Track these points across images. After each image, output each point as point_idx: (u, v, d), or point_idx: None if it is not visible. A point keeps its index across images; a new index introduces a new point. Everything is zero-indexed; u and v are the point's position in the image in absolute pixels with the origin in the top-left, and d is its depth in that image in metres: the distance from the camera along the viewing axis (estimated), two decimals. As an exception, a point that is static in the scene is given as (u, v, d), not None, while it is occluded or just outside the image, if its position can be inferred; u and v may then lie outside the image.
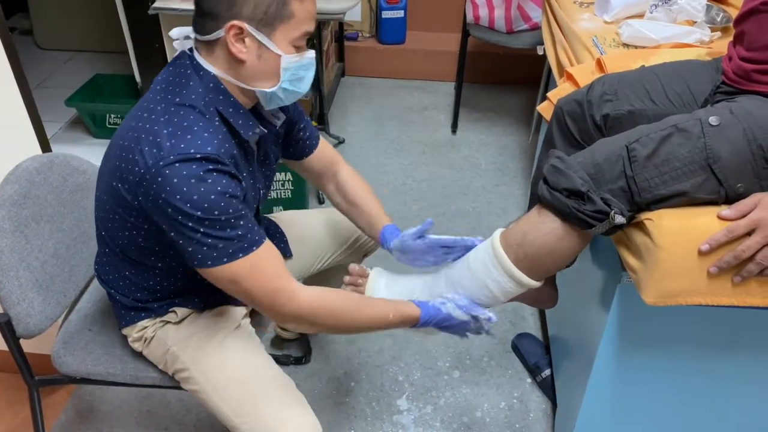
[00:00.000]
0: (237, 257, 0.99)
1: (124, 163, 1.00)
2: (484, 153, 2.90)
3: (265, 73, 1.03)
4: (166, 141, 0.95)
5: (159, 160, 0.95)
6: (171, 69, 1.05)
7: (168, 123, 0.97)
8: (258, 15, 0.97)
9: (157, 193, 0.95)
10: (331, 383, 1.82)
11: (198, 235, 0.97)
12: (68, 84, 3.09)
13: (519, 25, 2.77)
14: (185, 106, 0.99)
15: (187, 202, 0.94)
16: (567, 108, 1.29)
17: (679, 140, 0.99)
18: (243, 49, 0.99)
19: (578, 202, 1.01)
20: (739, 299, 1.00)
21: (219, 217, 0.96)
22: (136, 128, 1.00)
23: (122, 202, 1.03)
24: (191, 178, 0.94)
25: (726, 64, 1.14)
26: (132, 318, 1.23)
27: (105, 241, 1.17)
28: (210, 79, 1.02)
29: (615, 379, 1.29)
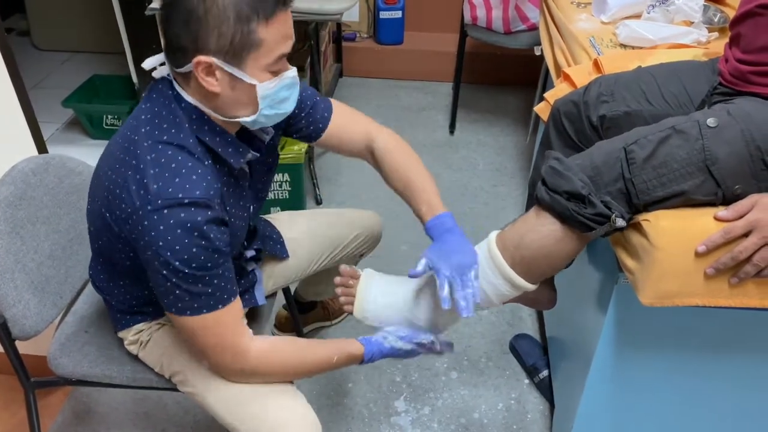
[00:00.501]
0: (200, 313, 1.00)
1: (111, 196, 0.99)
2: (482, 153, 2.90)
3: (242, 103, 0.98)
4: (153, 183, 0.93)
5: (146, 204, 0.93)
6: (154, 98, 1.01)
7: (155, 163, 0.95)
8: (224, 47, 0.91)
9: (140, 235, 0.95)
10: (329, 384, 1.81)
11: (169, 284, 0.96)
12: (65, 85, 3.08)
13: (517, 25, 2.77)
14: (173, 146, 0.96)
15: (168, 250, 0.93)
16: (564, 109, 1.29)
17: (677, 142, 0.98)
18: (214, 82, 0.94)
19: (578, 205, 1.01)
20: (736, 300, 1.00)
21: (194, 273, 0.95)
22: (124, 162, 0.97)
23: (110, 230, 1.03)
24: (177, 227, 0.92)
25: (722, 66, 1.14)
26: (128, 321, 1.23)
27: (98, 253, 1.17)
28: (192, 111, 0.99)
29: (612, 380, 1.29)
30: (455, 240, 1.13)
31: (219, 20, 0.89)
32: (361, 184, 2.67)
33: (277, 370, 1.12)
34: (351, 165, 2.78)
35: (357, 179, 2.70)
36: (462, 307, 1.06)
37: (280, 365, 1.12)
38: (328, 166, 2.78)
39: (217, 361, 1.08)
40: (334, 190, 2.63)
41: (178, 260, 0.93)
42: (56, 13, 3.54)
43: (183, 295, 0.97)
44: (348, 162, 2.79)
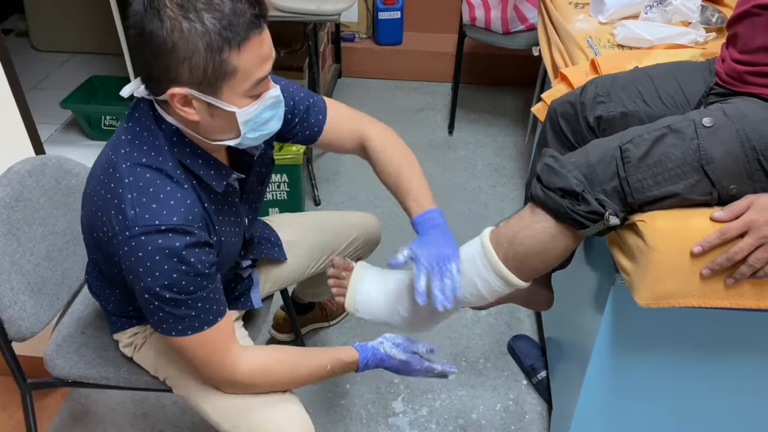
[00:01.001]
0: (186, 334, 0.99)
1: (94, 218, 0.99)
2: (481, 154, 2.90)
3: (223, 129, 0.96)
4: (130, 209, 0.92)
5: (125, 230, 0.92)
6: (136, 117, 0.99)
7: (132, 187, 0.93)
8: (197, 79, 0.88)
9: (121, 259, 0.95)
10: (327, 386, 1.81)
11: (152, 306, 0.96)
12: (64, 86, 3.08)
13: (515, 25, 2.77)
14: (151, 169, 0.95)
15: (148, 276, 0.92)
16: (560, 109, 1.29)
17: (672, 141, 0.98)
18: (192, 111, 0.92)
19: (572, 203, 1.01)
20: (731, 301, 1.00)
21: (176, 297, 0.95)
22: (104, 185, 0.96)
23: (99, 248, 1.03)
24: (156, 254, 0.91)
25: (719, 66, 1.14)
26: (123, 324, 1.23)
27: (93, 262, 1.18)
28: (173, 133, 0.97)
29: (609, 381, 1.29)
30: (439, 234, 1.12)
31: (189, 52, 0.85)
32: (359, 185, 2.67)
33: (269, 383, 1.12)
34: (350, 166, 2.78)
35: (356, 180, 2.70)
36: (438, 299, 1.03)
37: (272, 378, 1.11)
38: (327, 167, 2.77)
39: (208, 377, 1.09)
40: (332, 191, 2.62)
41: (158, 286, 0.93)
42: (55, 14, 3.54)
43: (167, 317, 0.97)
44: (346, 163, 2.79)
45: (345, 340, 1.95)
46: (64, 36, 3.61)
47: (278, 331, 1.89)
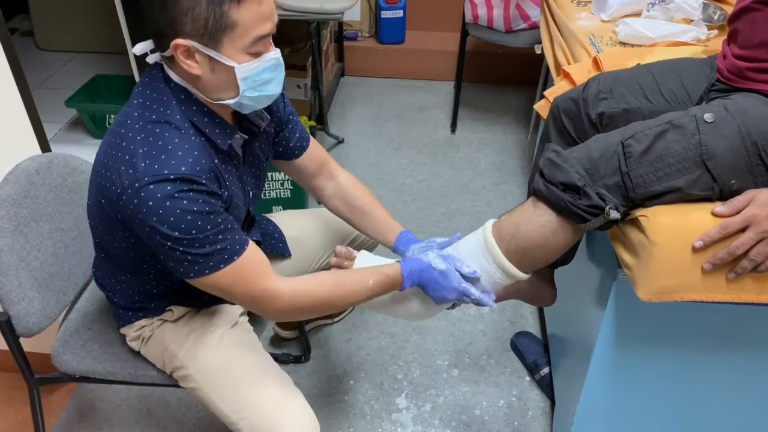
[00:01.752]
0: (219, 268, 1.01)
1: (104, 180, 1.00)
2: (484, 152, 2.90)
3: (224, 85, 1.00)
4: (141, 162, 0.95)
5: (134, 182, 0.94)
6: (147, 81, 1.04)
7: (144, 142, 0.97)
8: (199, 30, 0.93)
9: (134, 214, 0.96)
10: (331, 382, 1.82)
11: (177, 253, 0.98)
12: (69, 85, 3.10)
13: (518, 24, 2.78)
14: (161, 123, 0.98)
15: (163, 223, 0.95)
16: (563, 106, 1.29)
17: (673, 136, 0.99)
18: (194, 65, 0.96)
19: (574, 197, 1.01)
20: (733, 295, 1.01)
21: (197, 236, 0.97)
22: (115, 146, 0.99)
23: (107, 216, 1.04)
24: (166, 200, 0.94)
25: (720, 62, 1.15)
26: (130, 318, 1.24)
27: (100, 248, 1.19)
28: (181, 91, 1.01)
29: (612, 376, 1.29)
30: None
31: (192, 3, 0.91)
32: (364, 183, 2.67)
33: (314, 303, 1.11)
34: (352, 165, 2.79)
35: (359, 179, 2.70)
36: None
37: (316, 298, 1.11)
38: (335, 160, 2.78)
39: (258, 310, 1.09)
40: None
41: (176, 230, 0.95)
42: (59, 14, 3.56)
43: (196, 259, 0.99)
44: (349, 162, 2.80)
45: (349, 336, 1.96)
46: (69, 35, 3.63)
47: (282, 328, 1.90)
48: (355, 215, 1.37)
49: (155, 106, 1.00)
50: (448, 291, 1.13)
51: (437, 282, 1.13)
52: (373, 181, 2.69)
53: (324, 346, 1.93)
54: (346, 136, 2.99)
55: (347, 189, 1.38)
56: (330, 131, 2.93)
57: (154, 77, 1.03)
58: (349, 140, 2.97)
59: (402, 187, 2.66)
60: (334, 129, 3.00)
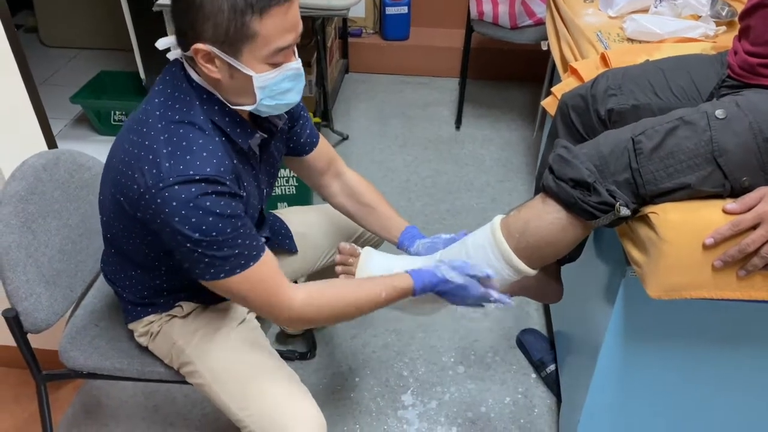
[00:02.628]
0: (234, 273, 1.01)
1: (124, 178, 1.00)
2: (489, 149, 2.90)
3: (242, 91, 1.00)
4: (165, 162, 0.95)
5: (159, 182, 0.94)
6: (167, 80, 1.03)
7: (168, 142, 0.97)
8: (219, 37, 0.93)
9: (156, 213, 0.96)
10: (336, 378, 1.82)
11: (195, 254, 0.98)
12: (73, 81, 3.10)
13: (523, 20, 2.77)
14: (184, 123, 0.98)
15: (185, 224, 0.95)
16: (571, 102, 1.29)
17: (684, 133, 0.98)
18: (214, 69, 0.97)
19: (583, 193, 1.01)
20: (743, 293, 1.00)
21: (217, 238, 0.97)
22: (137, 144, 0.99)
23: (124, 214, 1.04)
24: (189, 201, 0.94)
25: (731, 59, 1.14)
26: (138, 313, 1.24)
27: (110, 243, 1.19)
28: (203, 91, 1.01)
29: (619, 374, 1.29)
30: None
31: (214, 11, 0.90)
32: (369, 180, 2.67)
33: (326, 312, 1.12)
34: (356, 162, 2.78)
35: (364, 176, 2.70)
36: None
37: (331, 306, 1.11)
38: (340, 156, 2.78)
39: (270, 316, 1.10)
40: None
41: (197, 232, 0.95)
42: (64, 10, 3.56)
43: (213, 261, 0.99)
44: (354, 159, 2.80)
45: (355, 333, 1.96)
46: (73, 32, 3.63)
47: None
48: (361, 211, 1.38)
49: (177, 106, 1.00)
50: (466, 298, 1.14)
51: (456, 294, 1.13)
52: (378, 177, 2.69)
53: (329, 343, 1.93)
54: (351, 132, 2.99)
55: (353, 186, 1.39)
56: (335, 128, 2.93)
57: (175, 75, 1.02)
58: (353, 137, 2.97)
59: (406, 183, 2.66)
60: (338, 125, 3.00)
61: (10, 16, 1.41)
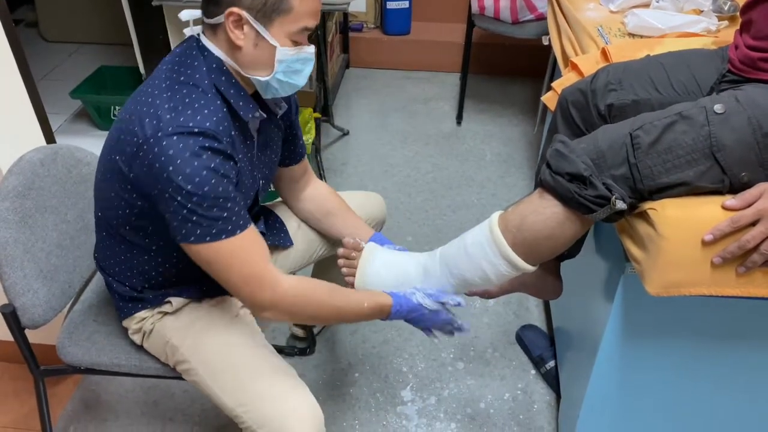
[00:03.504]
0: (219, 238, 1.01)
1: (123, 134, 1.02)
2: (490, 144, 2.89)
3: (260, 62, 1.04)
4: (166, 114, 0.98)
5: (157, 131, 0.97)
6: (178, 50, 1.08)
7: (170, 99, 1.00)
8: (257, 5, 0.99)
9: (151, 163, 0.97)
10: (336, 374, 1.82)
11: (184, 211, 0.98)
12: (73, 76, 3.10)
13: (524, 15, 2.76)
14: (188, 84, 1.02)
15: (179, 174, 0.96)
16: (571, 98, 1.28)
17: (683, 128, 0.98)
18: (241, 35, 1.02)
19: (580, 187, 1.00)
20: (743, 290, 1.00)
21: (208, 194, 0.98)
22: (139, 102, 1.02)
23: (118, 176, 1.05)
24: (186, 151, 0.96)
25: (732, 53, 1.13)
26: (130, 309, 1.24)
27: (102, 223, 1.19)
28: (213, 60, 1.05)
29: (619, 370, 1.29)
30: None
31: None
32: (367, 175, 2.67)
33: (309, 305, 1.12)
34: (357, 157, 2.78)
35: (364, 171, 2.70)
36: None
37: (314, 299, 1.13)
38: (335, 158, 2.78)
39: (251, 292, 1.07)
40: (341, 182, 2.63)
41: (190, 184, 0.96)
42: (64, 5, 3.56)
43: (200, 221, 0.99)
44: (354, 154, 2.79)
45: (354, 328, 1.96)
46: (74, 26, 3.63)
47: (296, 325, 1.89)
48: (328, 217, 1.41)
49: (183, 69, 1.04)
50: (437, 322, 1.24)
51: (426, 318, 1.22)
52: (379, 173, 2.68)
53: (329, 339, 1.93)
54: (351, 128, 2.98)
55: (322, 194, 1.43)
56: (335, 123, 2.92)
57: (187, 47, 1.07)
58: (354, 132, 2.96)
59: (407, 179, 2.65)
60: (339, 121, 2.99)
61: (8, 12, 1.40)
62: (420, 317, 1.21)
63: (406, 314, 1.20)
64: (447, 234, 2.32)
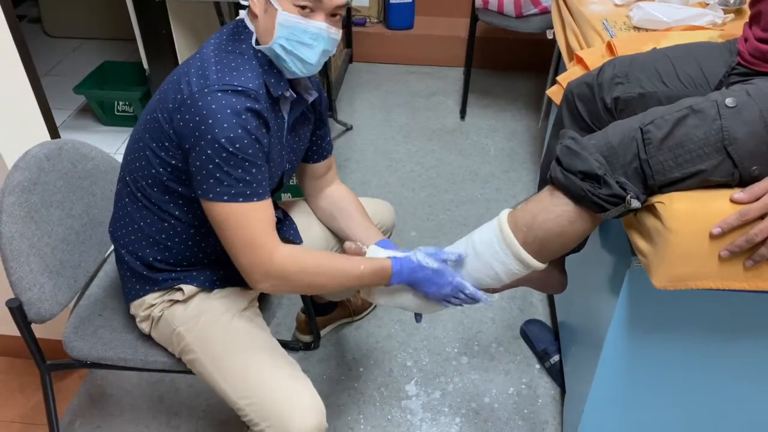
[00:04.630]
0: (236, 200, 1.05)
1: (169, 93, 1.09)
2: (493, 139, 2.89)
3: (269, 28, 1.08)
4: (213, 74, 1.05)
5: (204, 87, 1.03)
6: (225, 30, 1.15)
7: (217, 62, 1.07)
8: None
9: (192, 116, 1.03)
10: (340, 369, 1.82)
11: (210, 165, 1.03)
12: (77, 72, 3.10)
13: (528, 9, 2.75)
14: (236, 53, 1.09)
15: (216, 127, 1.01)
16: (577, 91, 1.27)
17: (694, 122, 0.97)
18: (256, 2, 1.09)
19: (593, 186, 1.00)
20: (750, 283, 0.99)
21: (237, 153, 1.03)
22: (187, 65, 1.09)
23: (157, 134, 1.10)
24: (228, 108, 1.02)
25: (742, 46, 1.12)
26: (138, 291, 1.24)
27: (127, 190, 1.20)
28: (255, 40, 1.12)
29: (624, 364, 1.29)
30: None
31: None
32: (371, 171, 2.67)
33: (306, 269, 1.12)
34: (360, 152, 2.78)
35: (368, 166, 2.70)
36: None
37: (310, 262, 1.13)
38: (339, 154, 2.77)
39: (250, 260, 1.09)
40: (344, 177, 2.62)
41: (224, 137, 1.02)
42: (67, 1, 3.55)
43: (222, 178, 1.04)
44: (357, 149, 2.79)
45: (359, 323, 1.96)
46: (77, 22, 3.63)
47: (302, 333, 1.89)
48: (343, 217, 1.41)
49: (232, 40, 1.12)
50: (442, 286, 1.17)
51: (431, 279, 1.17)
52: (382, 167, 2.68)
53: (333, 333, 1.93)
54: (355, 122, 2.98)
55: (343, 193, 1.45)
56: (338, 118, 2.92)
57: (235, 26, 1.14)
58: (357, 127, 2.96)
59: (411, 174, 2.65)
60: (342, 116, 2.99)
61: (12, 8, 1.40)
62: (425, 279, 1.17)
63: (408, 276, 1.17)
64: (451, 229, 2.32)
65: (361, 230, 1.37)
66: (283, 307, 2.01)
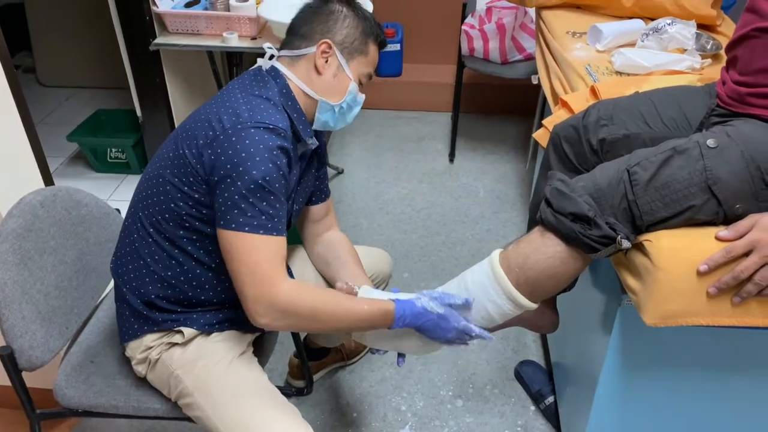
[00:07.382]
0: (257, 232, 1.07)
1: (197, 130, 1.12)
2: (482, 181, 2.92)
3: (334, 90, 1.21)
4: (245, 112, 1.10)
5: (237, 124, 1.08)
6: (248, 74, 1.21)
7: (246, 103, 1.12)
8: (346, 43, 1.20)
9: (225, 150, 1.07)
10: (334, 414, 1.80)
11: (236, 197, 1.06)
12: (70, 120, 3.13)
13: (513, 55, 2.82)
14: (262, 98, 1.14)
15: (248, 161, 1.05)
16: (563, 133, 1.31)
17: (678, 162, 1.00)
18: (325, 65, 1.19)
19: (584, 227, 1.02)
20: (739, 319, 1.01)
21: (265, 187, 1.06)
22: (215, 104, 1.14)
23: (182, 168, 1.12)
24: (261, 144, 1.07)
25: (720, 88, 1.17)
26: (136, 331, 1.23)
27: (136, 224, 1.21)
28: (284, 85, 1.18)
29: (618, 403, 1.28)
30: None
31: (352, 25, 1.21)
32: (363, 213, 2.68)
33: (308, 307, 1.11)
34: (351, 195, 2.80)
35: (359, 208, 2.72)
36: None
37: (312, 303, 1.11)
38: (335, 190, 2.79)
39: (256, 290, 1.08)
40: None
41: (255, 170, 1.05)
42: (61, 50, 3.61)
43: (248, 210, 1.06)
44: (349, 192, 2.81)
45: (352, 368, 1.95)
46: (70, 71, 3.67)
47: (294, 378, 1.88)
48: (336, 263, 1.41)
49: (256, 84, 1.18)
50: (448, 331, 1.16)
51: (437, 325, 1.15)
52: (374, 210, 2.70)
53: (326, 378, 1.91)
54: (346, 166, 3.01)
55: (339, 240, 1.46)
56: (330, 162, 2.95)
57: (256, 73, 1.20)
58: (348, 170, 2.99)
59: (402, 216, 2.67)
60: (333, 159, 3.02)
61: (9, 57, 1.43)
62: (430, 324, 1.15)
63: (412, 320, 1.14)
64: (443, 270, 2.32)
65: (350, 276, 1.35)
66: (275, 352, 1.99)
